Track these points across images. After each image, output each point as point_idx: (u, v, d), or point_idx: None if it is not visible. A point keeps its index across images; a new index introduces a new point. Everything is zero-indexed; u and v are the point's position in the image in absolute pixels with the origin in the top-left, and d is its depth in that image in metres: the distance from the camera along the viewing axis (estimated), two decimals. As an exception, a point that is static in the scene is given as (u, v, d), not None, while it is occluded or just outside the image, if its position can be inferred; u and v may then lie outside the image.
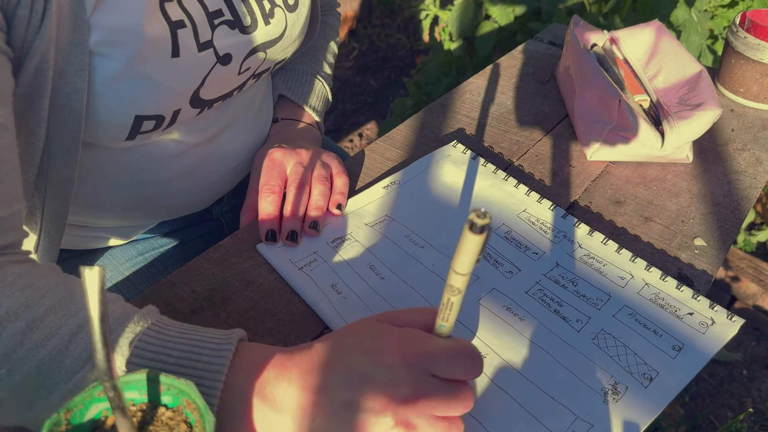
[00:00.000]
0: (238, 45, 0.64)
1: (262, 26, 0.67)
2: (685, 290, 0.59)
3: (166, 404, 0.42)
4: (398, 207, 0.68)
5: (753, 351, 1.52)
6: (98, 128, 0.58)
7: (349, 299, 0.57)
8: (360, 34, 2.68)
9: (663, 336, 0.55)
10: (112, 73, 0.55)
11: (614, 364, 0.53)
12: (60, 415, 0.38)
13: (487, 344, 0.54)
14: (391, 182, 0.71)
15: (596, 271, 0.61)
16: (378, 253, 0.62)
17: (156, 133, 0.63)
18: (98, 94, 0.55)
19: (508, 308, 0.57)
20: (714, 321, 0.56)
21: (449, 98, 0.89)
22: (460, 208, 0.68)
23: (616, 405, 0.49)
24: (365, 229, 0.65)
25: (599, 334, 0.55)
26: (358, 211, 0.67)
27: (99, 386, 0.40)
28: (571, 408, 0.49)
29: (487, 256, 0.62)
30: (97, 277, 0.33)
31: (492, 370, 0.52)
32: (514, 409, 0.49)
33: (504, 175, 0.71)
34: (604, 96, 0.74)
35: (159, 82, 0.58)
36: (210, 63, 0.62)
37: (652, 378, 0.51)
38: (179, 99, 0.61)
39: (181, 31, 0.58)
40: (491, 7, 1.58)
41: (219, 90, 0.66)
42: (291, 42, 0.72)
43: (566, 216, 0.66)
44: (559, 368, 0.52)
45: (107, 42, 0.53)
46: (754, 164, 0.77)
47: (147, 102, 0.58)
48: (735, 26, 0.85)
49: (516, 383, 0.51)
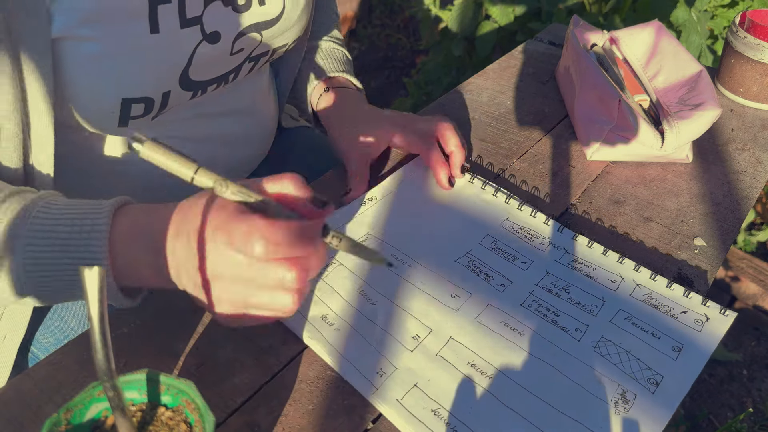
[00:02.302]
0: (229, 23, 0.63)
1: (257, 6, 0.66)
2: (676, 288, 0.59)
3: (166, 404, 0.42)
4: (378, 223, 0.66)
5: (753, 351, 1.52)
6: (88, 113, 0.58)
7: (342, 331, 0.55)
8: (360, 34, 2.68)
9: (662, 338, 0.55)
10: (90, 54, 0.55)
11: (619, 371, 0.52)
12: (60, 415, 0.38)
13: (490, 363, 0.53)
14: (368, 198, 0.69)
15: (587, 276, 0.60)
16: (365, 276, 0.60)
17: (150, 118, 0.62)
18: (80, 77, 0.55)
19: (506, 324, 0.56)
20: (708, 317, 0.56)
21: (449, 98, 0.89)
22: (441, 222, 0.67)
23: (627, 414, 0.49)
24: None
25: (600, 342, 0.54)
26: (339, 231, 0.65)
27: (99, 386, 0.40)
28: (585, 423, 0.48)
29: (477, 270, 0.61)
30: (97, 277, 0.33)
31: (498, 389, 0.51)
32: (527, 428, 0.48)
33: (481, 183, 0.70)
34: (604, 96, 0.74)
35: (140, 62, 0.57)
36: (195, 40, 0.61)
37: (658, 383, 0.51)
38: (166, 79, 0.60)
39: (163, 7, 0.57)
40: (491, 7, 1.58)
41: (211, 71, 0.65)
42: (290, 26, 0.71)
43: (548, 221, 0.66)
44: (566, 382, 0.51)
45: (80, 24, 0.53)
46: (754, 164, 0.77)
47: (131, 83, 0.58)
48: (735, 26, 0.85)
49: (524, 401, 0.50)
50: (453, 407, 0.49)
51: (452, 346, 0.54)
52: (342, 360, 0.53)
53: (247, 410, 0.49)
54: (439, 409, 0.49)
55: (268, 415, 0.49)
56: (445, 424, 0.48)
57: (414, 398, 0.50)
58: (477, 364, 0.53)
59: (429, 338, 0.54)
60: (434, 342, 0.54)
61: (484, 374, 0.52)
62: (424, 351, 0.53)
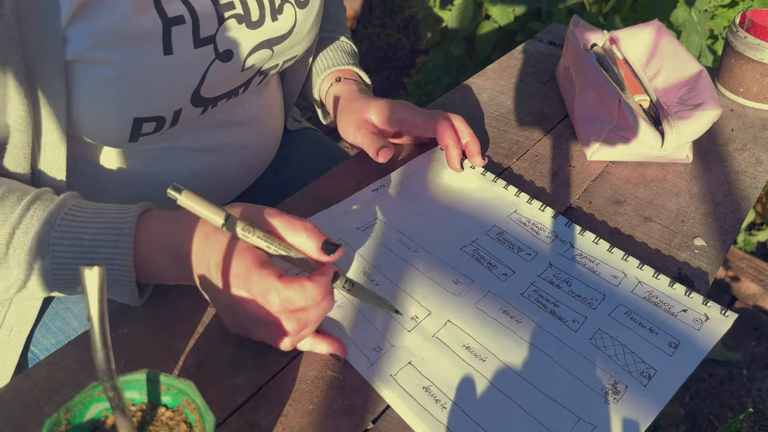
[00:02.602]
0: (242, 40, 0.63)
1: (269, 22, 0.66)
2: (678, 287, 0.59)
3: (166, 404, 0.42)
4: (388, 210, 0.67)
5: (753, 351, 1.52)
6: (98, 130, 0.58)
7: (344, 308, 0.57)
8: (360, 34, 2.68)
9: (659, 334, 0.55)
10: (104, 77, 0.55)
11: (613, 363, 0.53)
12: (60, 415, 0.38)
13: (486, 348, 0.54)
14: (380, 185, 0.71)
15: (589, 270, 0.61)
16: (371, 259, 0.62)
17: (159, 134, 0.62)
18: (92, 98, 0.55)
19: (505, 311, 0.57)
20: (708, 317, 0.57)
21: (449, 98, 0.89)
22: (449, 211, 0.68)
23: (617, 405, 0.50)
24: (356, 233, 0.64)
25: (596, 334, 0.55)
26: (348, 216, 0.66)
27: (99, 386, 0.40)
28: (572, 410, 0.49)
29: (481, 258, 0.62)
30: (97, 277, 0.33)
31: (492, 374, 0.52)
32: (517, 412, 0.49)
33: (493, 176, 0.71)
34: (604, 96, 0.74)
35: (154, 83, 0.57)
36: (208, 60, 0.61)
37: (651, 376, 0.52)
38: (178, 98, 0.61)
39: (176, 28, 0.57)
40: (491, 7, 1.58)
41: (222, 87, 0.65)
42: (300, 39, 0.71)
43: (557, 216, 0.66)
44: (559, 370, 0.52)
45: (94, 48, 0.53)
46: (754, 164, 0.77)
47: (144, 104, 0.58)
48: (735, 26, 0.85)
49: (517, 386, 0.51)
50: (445, 386, 0.50)
51: (449, 328, 0.55)
52: (343, 336, 0.54)
53: (247, 410, 0.49)
54: (430, 387, 0.50)
55: (268, 415, 0.49)
56: (435, 401, 0.49)
57: (407, 374, 0.51)
58: (472, 347, 0.53)
59: (427, 320, 0.55)
60: (432, 324, 0.55)
61: (478, 357, 0.53)
62: (422, 331, 0.54)
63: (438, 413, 0.48)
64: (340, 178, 0.73)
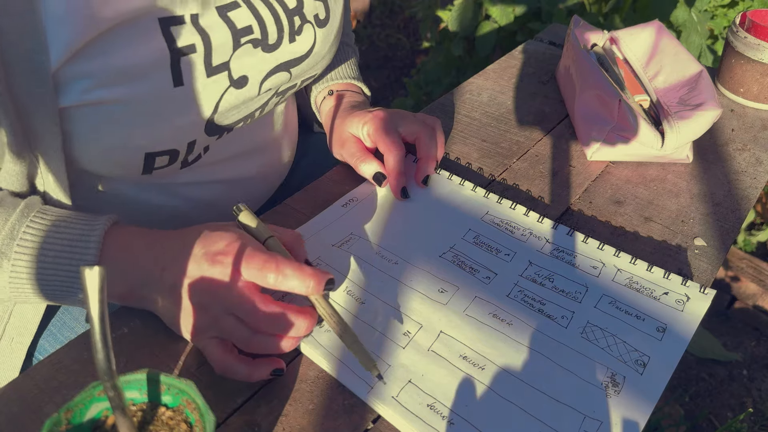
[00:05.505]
0: (258, 65, 0.60)
1: (286, 44, 0.62)
2: (656, 270, 0.60)
3: (166, 404, 0.42)
4: (361, 224, 0.66)
5: (753, 351, 1.52)
6: (109, 167, 0.56)
7: (333, 333, 0.54)
8: (360, 34, 2.68)
9: (646, 319, 0.56)
10: (109, 117, 0.52)
11: (607, 355, 0.53)
12: (60, 415, 0.38)
13: (483, 355, 0.53)
14: (348, 200, 0.69)
15: (568, 263, 0.61)
16: (353, 276, 0.60)
17: (174, 166, 0.59)
18: (99, 139, 0.53)
19: (494, 315, 0.56)
20: (689, 297, 0.58)
21: (449, 98, 0.89)
22: (424, 219, 0.67)
23: (618, 398, 0.50)
24: (332, 251, 0.63)
25: (586, 327, 0.55)
26: (320, 234, 0.65)
27: (99, 386, 0.40)
28: (577, 408, 0.49)
29: (462, 263, 0.61)
30: (98, 277, 0.33)
31: (493, 382, 0.51)
32: (523, 417, 0.48)
33: (459, 180, 0.71)
34: (604, 96, 0.74)
35: (164, 117, 0.54)
36: (222, 87, 0.57)
37: (645, 363, 0.52)
38: (191, 130, 0.57)
39: (186, 58, 0.53)
40: (491, 7, 1.58)
41: (237, 114, 0.61)
42: (320, 59, 0.68)
43: (528, 213, 0.67)
44: (557, 369, 0.52)
45: (95, 88, 0.50)
46: (754, 164, 0.77)
47: (154, 139, 0.55)
48: (735, 26, 0.85)
49: (519, 391, 0.50)
50: (448, 400, 0.50)
51: (443, 339, 0.54)
52: (336, 362, 0.52)
53: (247, 410, 0.49)
54: (434, 404, 0.49)
55: (268, 415, 0.49)
56: (441, 417, 0.48)
57: (409, 394, 0.50)
58: (469, 356, 0.53)
59: (420, 334, 0.55)
60: (425, 337, 0.55)
61: (477, 366, 0.52)
62: (416, 347, 0.54)
63: (446, 431, 0.48)
64: (340, 179, 0.73)
